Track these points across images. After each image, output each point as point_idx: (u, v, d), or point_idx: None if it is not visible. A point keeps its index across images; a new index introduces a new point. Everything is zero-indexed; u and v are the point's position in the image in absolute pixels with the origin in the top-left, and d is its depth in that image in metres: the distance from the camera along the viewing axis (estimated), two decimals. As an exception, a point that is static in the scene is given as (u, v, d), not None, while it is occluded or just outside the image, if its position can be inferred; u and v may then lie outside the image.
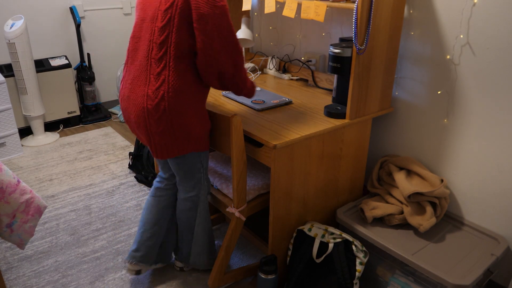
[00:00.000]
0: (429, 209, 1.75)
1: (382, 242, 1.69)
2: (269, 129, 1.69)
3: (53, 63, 3.53)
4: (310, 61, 2.33)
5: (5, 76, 3.24)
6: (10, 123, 3.09)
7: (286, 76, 2.41)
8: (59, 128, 3.72)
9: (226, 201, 1.85)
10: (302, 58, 2.41)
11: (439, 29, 1.77)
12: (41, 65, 3.47)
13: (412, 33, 1.87)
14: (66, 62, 3.57)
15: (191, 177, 1.76)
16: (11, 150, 3.16)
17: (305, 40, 2.39)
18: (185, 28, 1.49)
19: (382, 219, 1.84)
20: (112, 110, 4.05)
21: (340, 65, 1.77)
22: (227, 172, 1.97)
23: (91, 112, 3.87)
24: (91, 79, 3.73)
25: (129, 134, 3.61)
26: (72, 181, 2.84)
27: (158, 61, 1.52)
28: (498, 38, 1.60)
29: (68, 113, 3.69)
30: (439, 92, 1.84)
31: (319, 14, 1.78)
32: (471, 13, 1.65)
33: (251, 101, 1.97)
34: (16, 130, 3.14)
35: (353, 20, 1.61)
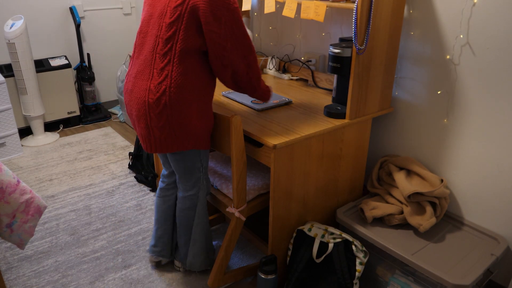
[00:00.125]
0: (429, 209, 1.75)
1: (382, 242, 1.69)
2: (269, 129, 1.69)
3: (53, 63, 3.53)
4: (310, 61, 2.33)
5: (5, 76, 3.24)
6: (10, 123, 3.09)
7: (286, 76, 2.41)
8: (59, 128, 3.72)
9: (226, 201, 1.85)
10: (302, 58, 2.41)
11: (439, 29, 1.77)
12: (41, 65, 3.47)
13: (412, 33, 1.87)
14: (66, 62, 3.57)
15: (190, 176, 1.76)
16: (11, 150, 3.16)
17: (305, 40, 2.39)
18: (194, 28, 1.51)
19: (382, 219, 1.84)
20: (112, 110, 4.05)
21: (340, 65, 1.77)
22: (227, 172, 1.97)
23: (91, 112, 3.87)
24: (91, 79, 3.73)
25: (129, 134, 3.61)
26: (72, 181, 2.84)
27: (163, 56, 1.53)
28: (498, 38, 1.60)
29: (68, 113, 3.69)
30: (439, 92, 1.84)
31: (319, 14, 1.78)
32: (471, 13, 1.65)
33: (251, 101, 1.97)
34: (16, 130, 3.14)
35: (353, 20, 1.61)
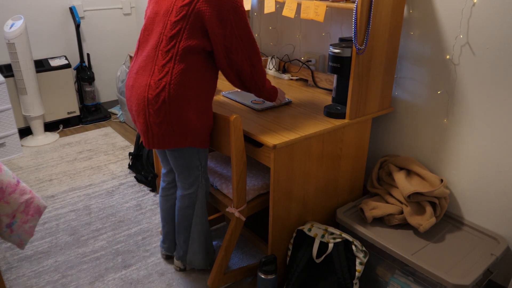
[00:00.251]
0: (429, 209, 1.75)
1: (382, 242, 1.69)
2: (269, 129, 1.69)
3: (53, 63, 3.53)
4: (310, 61, 2.33)
5: (5, 76, 3.24)
6: (10, 123, 3.09)
7: (286, 76, 2.41)
8: (59, 128, 3.72)
9: (226, 201, 1.85)
10: (302, 58, 2.41)
11: (439, 29, 1.77)
12: (41, 65, 3.47)
13: (412, 33, 1.87)
14: (66, 62, 3.57)
15: (189, 174, 1.77)
16: (11, 150, 3.16)
17: (305, 40, 2.39)
18: (199, 29, 1.53)
19: (382, 219, 1.84)
20: (112, 110, 4.05)
21: (340, 65, 1.77)
22: (227, 172, 1.97)
23: (91, 112, 3.87)
24: (91, 79, 3.73)
25: (129, 134, 3.61)
26: (72, 181, 2.84)
27: (166, 54, 1.55)
28: (498, 38, 1.60)
29: (68, 113, 3.69)
30: (439, 92, 1.84)
31: (319, 14, 1.78)
32: (471, 13, 1.65)
33: (251, 101, 1.97)
34: (16, 130, 3.14)
35: (353, 20, 1.61)
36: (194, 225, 1.85)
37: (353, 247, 1.68)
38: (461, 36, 1.71)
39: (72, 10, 3.58)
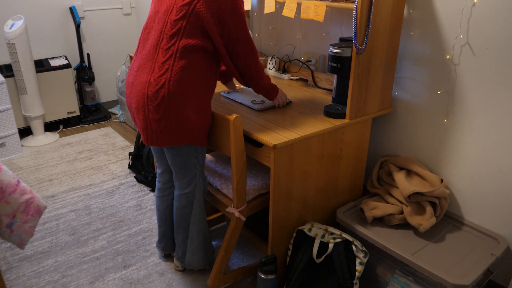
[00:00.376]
0: (429, 209, 1.75)
1: (382, 242, 1.69)
2: (269, 129, 1.69)
3: (53, 63, 3.53)
4: (310, 61, 2.33)
5: (5, 77, 3.24)
6: (10, 123, 3.09)
7: (286, 76, 2.41)
8: (59, 128, 3.72)
9: (226, 201, 1.85)
10: (302, 58, 2.41)
11: (439, 29, 1.77)
12: (41, 65, 3.47)
13: (412, 33, 1.87)
14: (66, 62, 3.57)
15: (186, 172, 1.77)
16: (11, 150, 3.16)
17: (305, 40, 2.39)
18: (198, 28, 1.56)
19: (382, 219, 1.84)
20: (112, 110, 4.05)
21: (340, 65, 1.77)
22: (227, 172, 1.97)
23: (91, 112, 3.87)
24: (91, 79, 3.73)
25: (129, 134, 3.61)
26: (72, 181, 2.84)
27: (166, 51, 1.57)
28: (498, 38, 1.60)
29: (68, 113, 3.69)
30: (439, 92, 1.84)
31: (319, 14, 1.78)
32: (471, 13, 1.65)
33: (251, 101, 1.97)
34: (16, 130, 3.14)
35: (353, 20, 1.61)
36: (192, 225, 1.85)
37: (353, 247, 1.68)
38: (461, 36, 1.71)
39: (72, 10, 3.59)
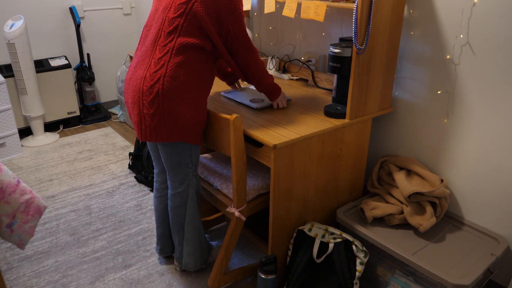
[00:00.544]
0: (429, 209, 1.75)
1: (382, 242, 1.69)
2: (269, 129, 1.69)
3: (53, 64, 3.53)
4: (310, 61, 2.33)
5: (5, 77, 3.24)
6: (10, 124, 3.09)
7: (286, 76, 2.41)
8: (59, 129, 3.72)
9: (226, 201, 1.85)
10: (302, 58, 2.41)
11: (439, 29, 1.77)
12: (41, 66, 3.47)
13: (412, 33, 1.87)
14: (66, 63, 3.57)
15: (179, 171, 1.77)
16: (11, 151, 3.16)
17: (305, 40, 2.39)
18: (196, 27, 1.57)
19: (382, 219, 1.84)
20: (112, 111, 4.05)
21: (340, 65, 1.77)
22: (227, 172, 1.97)
23: (91, 113, 3.87)
24: (91, 79, 3.73)
25: (129, 134, 3.61)
26: (72, 182, 2.84)
27: (163, 48, 1.59)
28: (498, 38, 1.60)
29: (68, 114, 3.69)
30: (439, 92, 1.84)
31: (319, 14, 1.78)
32: (471, 13, 1.65)
33: (250, 100, 1.96)
34: (16, 131, 3.14)
35: (353, 20, 1.61)
36: (187, 225, 1.86)
37: (354, 247, 1.68)
38: (462, 36, 1.70)
39: (72, 10, 3.58)
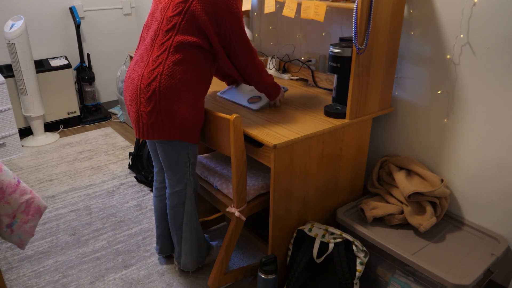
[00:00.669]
0: (429, 209, 1.75)
1: (382, 242, 1.69)
2: (269, 129, 1.69)
3: (53, 64, 3.53)
4: (310, 61, 2.33)
5: (5, 77, 3.24)
6: (10, 124, 3.09)
7: (286, 76, 2.41)
8: (59, 129, 3.72)
9: (226, 201, 1.85)
10: (302, 58, 2.41)
11: (439, 29, 1.77)
12: (41, 66, 3.47)
13: (412, 33, 1.87)
14: (66, 63, 3.57)
15: (177, 169, 1.77)
16: (11, 151, 3.16)
17: (305, 40, 2.39)
18: (194, 26, 1.58)
19: (382, 219, 1.84)
20: (112, 111, 4.05)
21: (340, 65, 1.77)
22: (227, 172, 1.97)
23: (91, 113, 3.87)
24: (91, 80, 3.73)
25: (129, 135, 3.61)
26: (72, 182, 2.84)
27: (160, 46, 1.60)
28: (498, 38, 1.60)
29: (68, 114, 3.69)
30: (439, 92, 1.84)
31: (319, 14, 1.78)
32: (471, 13, 1.65)
33: (248, 101, 1.96)
34: (16, 131, 3.14)
35: (353, 20, 1.61)
36: (185, 225, 1.86)
37: (354, 247, 1.68)
38: (462, 36, 1.70)
39: (72, 10, 3.59)
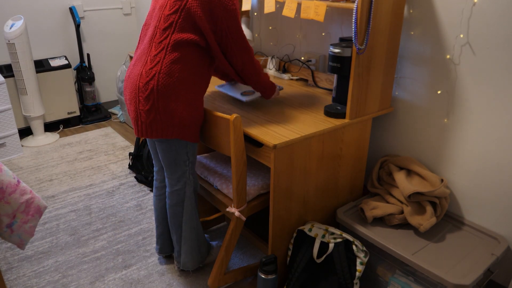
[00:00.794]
0: (429, 209, 1.75)
1: (382, 242, 1.69)
2: (269, 129, 1.69)
3: (53, 64, 3.53)
4: (310, 61, 2.33)
5: (5, 77, 3.24)
6: (10, 124, 3.09)
7: (286, 76, 2.41)
8: (59, 129, 3.72)
9: (226, 201, 1.85)
10: (302, 58, 2.41)
11: (439, 29, 1.77)
12: (41, 66, 3.47)
13: (412, 33, 1.87)
14: (66, 63, 3.57)
15: (176, 168, 1.78)
16: (11, 151, 3.16)
17: (305, 40, 2.39)
18: (191, 24, 1.59)
19: (382, 219, 1.84)
20: (112, 111, 4.05)
21: (340, 65, 1.77)
22: (227, 172, 1.97)
23: (91, 113, 3.87)
24: (91, 80, 3.73)
25: (129, 135, 3.61)
26: (72, 182, 2.84)
27: (158, 45, 1.61)
28: (498, 38, 1.60)
29: (68, 114, 3.69)
30: (439, 92, 1.84)
31: (319, 14, 1.78)
32: (471, 13, 1.65)
33: (241, 93, 1.96)
34: (16, 131, 3.14)
35: (353, 20, 1.61)
36: (185, 224, 1.86)
37: (354, 247, 1.68)
38: (462, 36, 1.70)
39: (72, 10, 3.59)
